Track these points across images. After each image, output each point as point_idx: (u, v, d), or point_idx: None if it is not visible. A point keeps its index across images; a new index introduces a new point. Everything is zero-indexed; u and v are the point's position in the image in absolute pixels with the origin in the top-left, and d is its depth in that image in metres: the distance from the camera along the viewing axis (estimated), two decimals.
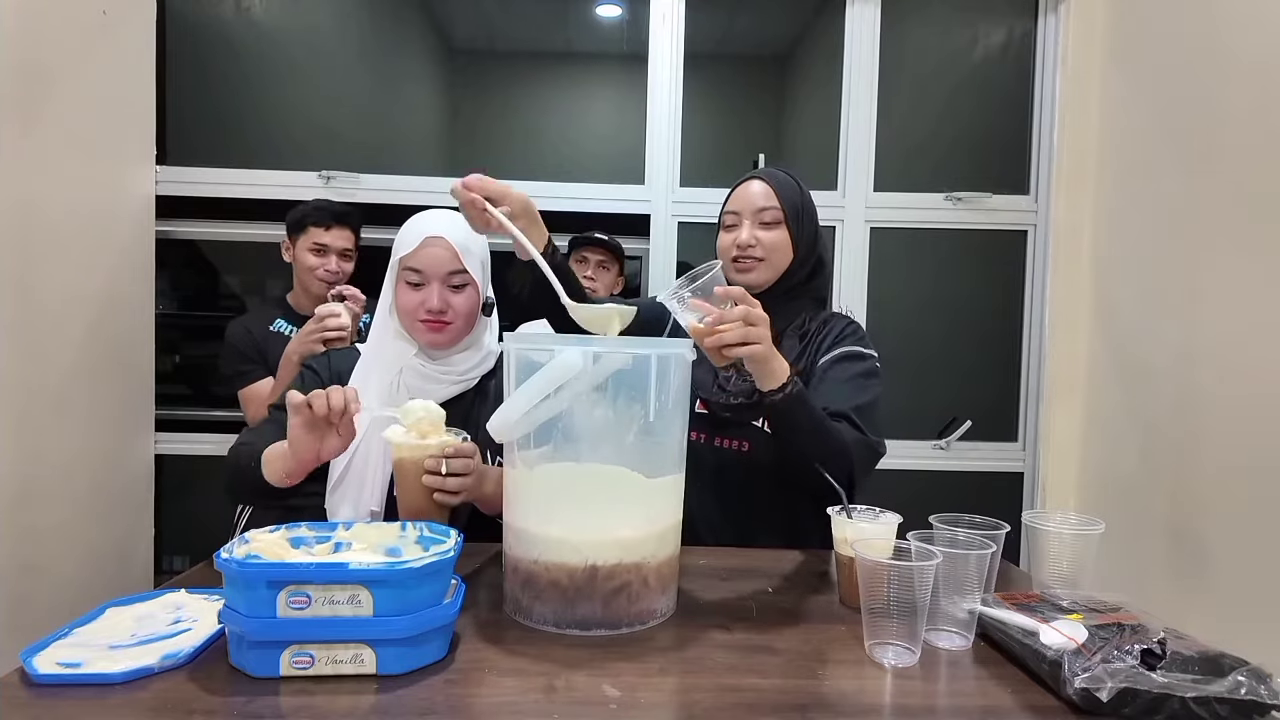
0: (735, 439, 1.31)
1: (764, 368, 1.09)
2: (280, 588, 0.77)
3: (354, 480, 1.23)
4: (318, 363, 1.35)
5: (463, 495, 1.09)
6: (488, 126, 2.71)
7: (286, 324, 2.00)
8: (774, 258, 1.32)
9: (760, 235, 1.31)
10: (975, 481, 2.50)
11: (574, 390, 0.92)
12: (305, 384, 1.30)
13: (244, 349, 1.95)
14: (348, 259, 2.01)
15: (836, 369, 1.27)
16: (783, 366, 1.11)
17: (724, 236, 1.36)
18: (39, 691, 0.75)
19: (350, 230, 2.01)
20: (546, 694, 0.77)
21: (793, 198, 1.33)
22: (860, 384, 1.26)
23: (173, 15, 2.32)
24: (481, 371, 1.33)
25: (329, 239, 1.96)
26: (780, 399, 1.10)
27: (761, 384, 1.11)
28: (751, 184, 1.34)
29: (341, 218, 1.99)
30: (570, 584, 0.92)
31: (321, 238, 1.95)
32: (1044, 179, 2.46)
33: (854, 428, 1.20)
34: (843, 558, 1.04)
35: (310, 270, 1.96)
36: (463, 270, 1.25)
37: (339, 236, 1.98)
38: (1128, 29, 2.24)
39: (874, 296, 2.47)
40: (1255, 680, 0.73)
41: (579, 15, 2.63)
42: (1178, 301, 1.94)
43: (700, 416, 1.32)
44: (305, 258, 1.96)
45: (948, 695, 0.81)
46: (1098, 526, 1.04)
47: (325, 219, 1.96)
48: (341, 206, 2.01)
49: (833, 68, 2.46)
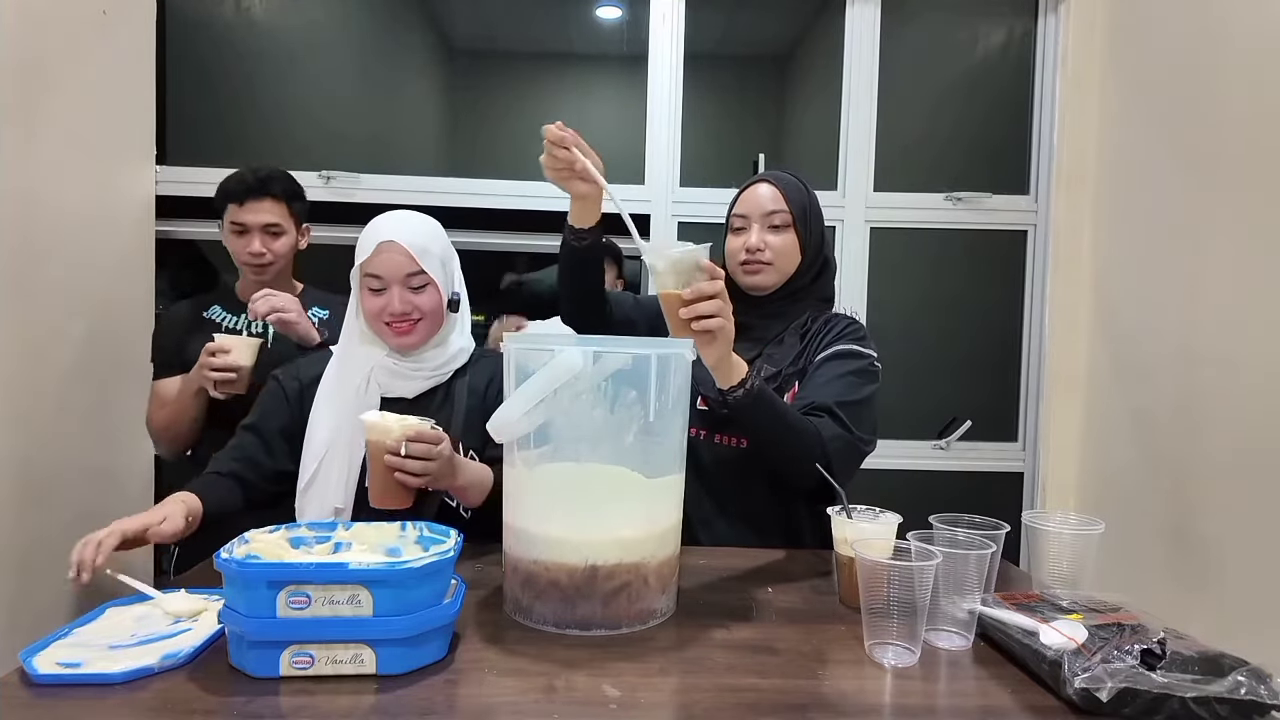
0: (734, 436, 1.32)
1: (725, 359, 1.07)
2: (280, 588, 0.77)
3: (321, 482, 1.24)
4: (285, 373, 1.35)
5: (427, 480, 1.10)
6: (488, 127, 2.71)
7: (222, 311, 1.73)
8: (782, 261, 1.32)
9: (769, 239, 1.31)
10: (975, 481, 2.50)
11: (574, 390, 0.92)
12: (270, 399, 1.32)
13: (164, 339, 1.72)
14: (275, 236, 1.66)
15: (829, 365, 1.27)
16: (740, 365, 1.10)
17: (732, 240, 1.36)
18: (39, 691, 0.75)
19: (275, 200, 1.65)
20: (546, 694, 0.77)
21: (800, 200, 1.33)
22: (851, 381, 1.25)
23: (173, 15, 2.32)
24: (453, 367, 1.34)
25: (247, 215, 1.63)
26: (740, 394, 1.09)
27: (720, 381, 1.10)
28: (760, 187, 1.34)
29: (260, 187, 1.63)
30: (570, 584, 0.92)
31: (238, 215, 1.63)
32: (1044, 179, 2.45)
33: (837, 422, 1.19)
34: (843, 558, 1.04)
35: (235, 255, 1.67)
36: (420, 271, 1.25)
37: (259, 210, 1.63)
38: (1128, 29, 2.24)
39: (874, 296, 2.47)
40: (1255, 680, 0.73)
41: (579, 16, 2.62)
42: (1178, 301, 1.94)
43: (700, 413, 1.33)
44: (229, 240, 1.67)
45: (948, 695, 0.81)
46: (1098, 526, 1.04)
47: (239, 192, 1.62)
48: (265, 171, 1.66)
49: (833, 68, 2.46)
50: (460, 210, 2.40)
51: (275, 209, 1.66)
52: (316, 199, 2.36)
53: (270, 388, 1.34)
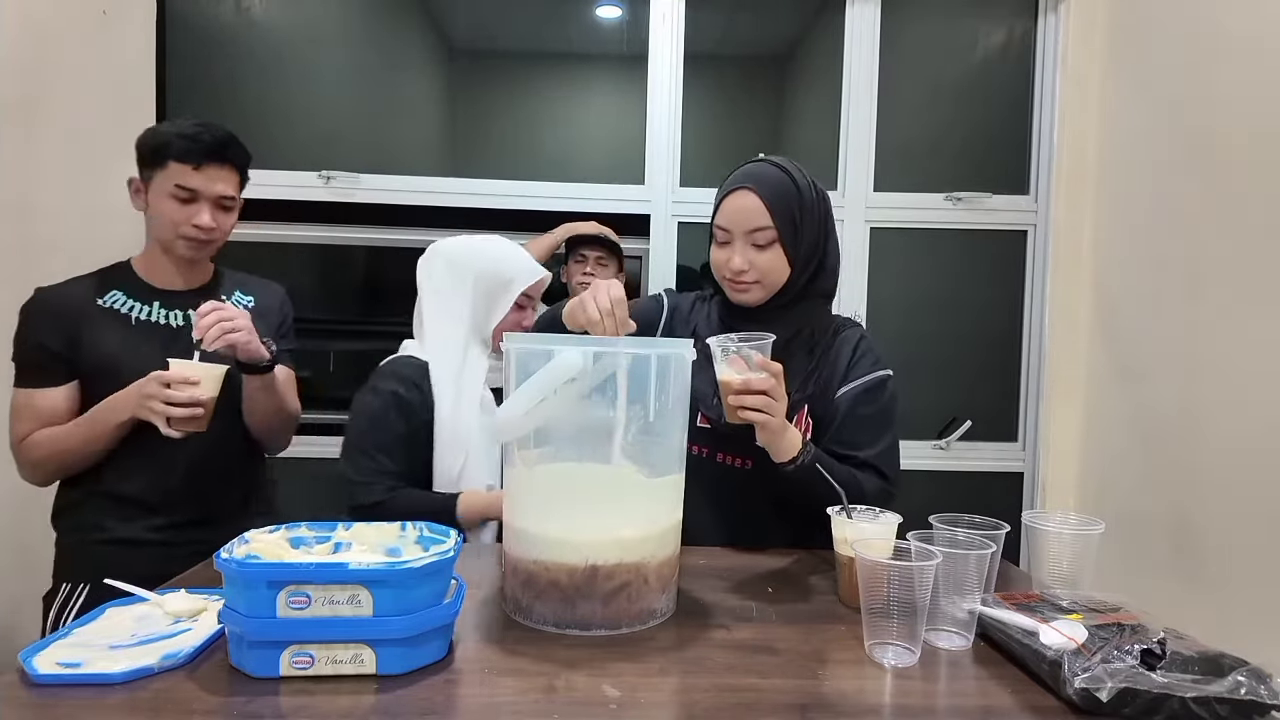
0: (738, 455, 1.29)
1: (776, 441, 1.13)
2: (280, 588, 0.77)
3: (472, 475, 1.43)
4: (405, 387, 1.37)
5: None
6: (488, 126, 2.71)
7: (126, 298, 1.39)
8: (769, 279, 1.24)
9: (754, 258, 1.23)
10: (975, 482, 2.50)
11: (575, 390, 0.92)
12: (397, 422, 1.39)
13: (39, 334, 1.34)
14: (227, 210, 1.41)
15: (858, 408, 1.26)
16: (794, 439, 1.15)
17: (716, 252, 1.28)
18: (39, 691, 0.75)
19: (232, 169, 1.40)
20: (546, 694, 0.77)
21: (787, 209, 1.22)
22: (880, 421, 1.27)
23: (173, 15, 2.31)
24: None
25: (199, 182, 1.34)
26: (793, 469, 1.14)
27: (775, 456, 1.15)
28: (744, 198, 1.22)
29: (220, 151, 1.36)
30: (570, 584, 0.92)
31: (189, 179, 1.33)
32: (1044, 179, 2.45)
33: (878, 476, 1.24)
34: (843, 558, 1.04)
35: (172, 225, 1.35)
36: None
37: (217, 178, 1.36)
38: (1128, 29, 2.24)
39: (874, 296, 2.47)
40: (1255, 680, 0.73)
41: (579, 16, 2.63)
42: (1178, 301, 1.94)
43: (702, 431, 1.29)
44: (163, 205, 1.34)
45: (948, 695, 0.81)
46: (1098, 526, 1.04)
47: (194, 153, 1.33)
48: (220, 131, 1.38)
49: (833, 68, 2.46)
50: (460, 210, 2.40)
51: (231, 179, 1.40)
52: (316, 199, 2.37)
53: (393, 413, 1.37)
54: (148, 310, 1.40)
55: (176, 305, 1.42)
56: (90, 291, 1.38)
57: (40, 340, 1.34)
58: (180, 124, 1.36)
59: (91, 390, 1.35)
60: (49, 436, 1.34)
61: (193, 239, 1.37)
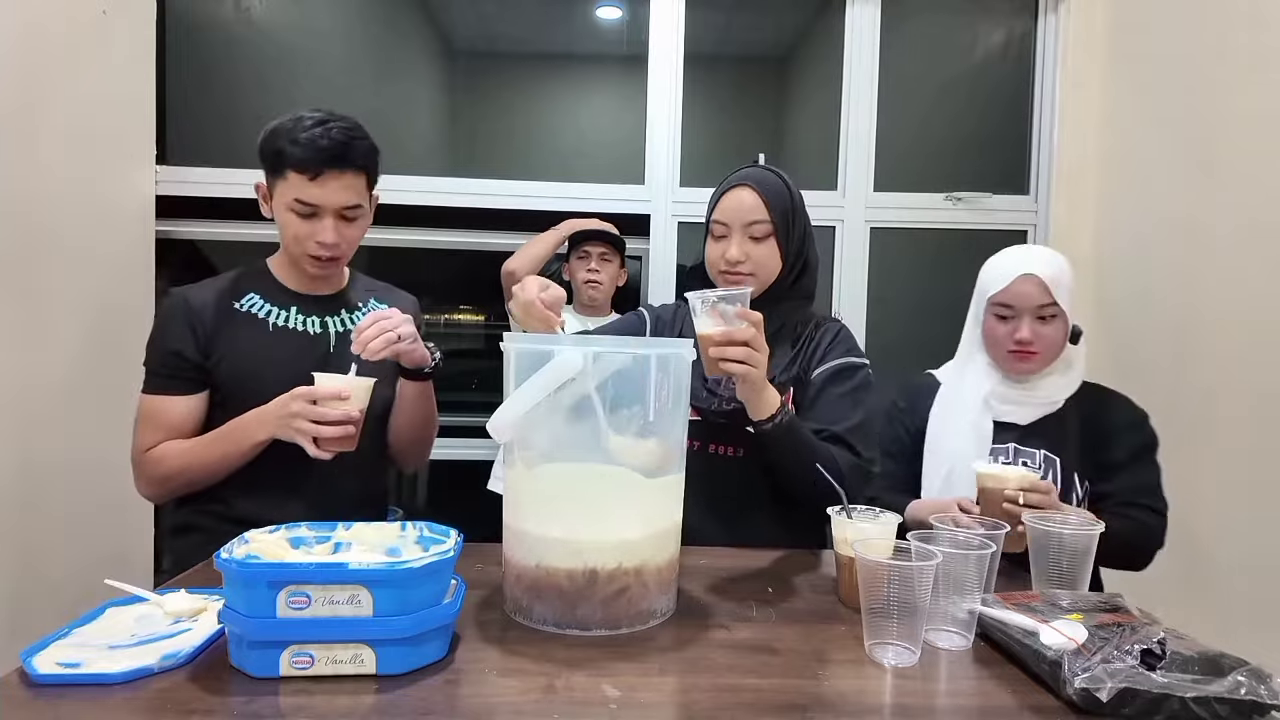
0: (728, 445, 1.32)
1: (757, 396, 1.14)
2: (280, 588, 0.77)
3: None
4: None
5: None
6: (488, 127, 2.71)
7: (264, 302, 1.31)
8: (763, 272, 1.31)
9: (750, 250, 1.29)
10: None
11: (575, 390, 0.92)
12: None
13: (172, 340, 1.25)
14: (351, 221, 1.27)
15: (830, 387, 1.29)
16: (773, 397, 1.16)
17: (712, 246, 1.34)
18: (39, 691, 0.75)
19: (356, 173, 1.24)
20: (546, 694, 0.77)
21: (782, 206, 1.30)
22: (853, 400, 1.29)
23: (173, 15, 2.32)
24: (1066, 394, 1.40)
25: (318, 195, 1.21)
26: (771, 428, 1.16)
27: (753, 413, 1.16)
28: (742, 194, 1.30)
29: (342, 155, 1.21)
30: (570, 587, 0.92)
31: (306, 192, 1.21)
32: (1044, 179, 2.46)
33: (849, 450, 1.24)
34: (843, 558, 1.04)
35: (295, 240, 1.26)
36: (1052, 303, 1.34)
37: (338, 187, 1.22)
38: (1128, 29, 2.24)
39: (874, 296, 2.47)
40: (1255, 680, 0.73)
41: (579, 16, 2.63)
42: (1178, 301, 1.94)
43: (693, 424, 1.29)
44: (285, 219, 1.25)
45: (948, 695, 0.81)
46: (1098, 526, 1.04)
47: (312, 161, 1.20)
48: (339, 129, 1.22)
49: (833, 68, 2.46)
50: (460, 210, 2.40)
51: (356, 185, 1.24)
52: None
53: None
54: (285, 315, 1.32)
55: (313, 312, 1.34)
56: (227, 294, 1.31)
57: (176, 346, 1.25)
58: (299, 121, 1.21)
59: (225, 398, 1.27)
60: (179, 450, 1.24)
61: (316, 256, 1.27)
